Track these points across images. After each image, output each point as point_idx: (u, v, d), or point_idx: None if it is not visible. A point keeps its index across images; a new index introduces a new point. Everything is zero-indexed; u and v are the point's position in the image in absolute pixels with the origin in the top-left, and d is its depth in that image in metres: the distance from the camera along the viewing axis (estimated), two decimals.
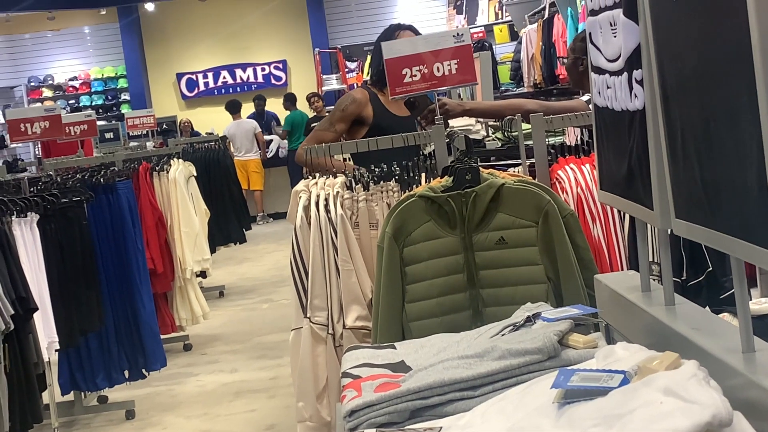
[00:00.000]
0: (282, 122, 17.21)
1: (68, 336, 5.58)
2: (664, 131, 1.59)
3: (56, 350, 5.48)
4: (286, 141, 16.70)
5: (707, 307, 2.72)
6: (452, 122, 4.80)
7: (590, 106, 4.38)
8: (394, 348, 2.23)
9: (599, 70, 1.93)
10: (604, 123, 1.96)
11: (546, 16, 12.92)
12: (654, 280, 1.94)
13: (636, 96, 1.72)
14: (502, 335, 2.01)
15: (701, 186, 1.46)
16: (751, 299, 2.62)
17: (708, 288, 3.44)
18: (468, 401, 1.82)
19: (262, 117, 17.63)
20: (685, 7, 1.44)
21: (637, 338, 1.68)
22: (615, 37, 1.80)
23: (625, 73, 1.77)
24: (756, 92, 1.21)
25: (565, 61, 5.14)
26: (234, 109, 16.26)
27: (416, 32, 5.08)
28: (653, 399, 1.30)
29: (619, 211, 3.61)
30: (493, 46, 15.89)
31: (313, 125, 14.57)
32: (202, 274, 9.07)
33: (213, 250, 9.99)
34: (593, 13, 1.92)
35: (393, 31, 5.06)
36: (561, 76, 11.95)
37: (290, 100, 17.16)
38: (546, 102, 5.23)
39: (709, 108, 1.38)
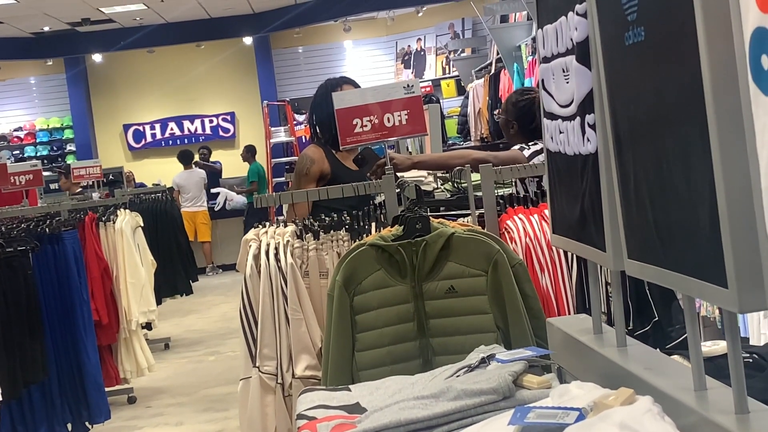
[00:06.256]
0: (248, 174, 17.16)
1: (11, 387, 5.49)
2: (616, 174, 1.62)
3: None
4: (233, 193, 16.65)
5: None
6: (404, 175, 4.83)
7: (533, 156, 4.43)
8: (349, 390, 2.23)
9: (551, 116, 1.96)
10: (557, 167, 1.99)
11: (492, 71, 13.11)
12: None
13: (589, 140, 1.75)
14: (457, 376, 2.02)
15: (654, 226, 1.48)
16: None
17: (654, 338, 3.48)
18: None
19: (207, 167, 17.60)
20: (637, 53, 1.47)
21: (590, 380, 1.69)
22: (567, 83, 1.84)
23: (578, 118, 1.80)
24: (708, 134, 1.24)
25: (499, 118, 5.26)
26: (186, 159, 16.20)
27: (356, 85, 5.13)
28: None
29: (567, 261, 3.64)
30: (441, 101, 16.03)
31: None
32: (148, 325, 8.98)
33: (159, 302, 9.90)
34: (546, 60, 1.95)
35: (335, 86, 5.08)
36: None
37: (251, 152, 17.14)
38: (492, 152, 5.27)
39: (662, 150, 1.41)
